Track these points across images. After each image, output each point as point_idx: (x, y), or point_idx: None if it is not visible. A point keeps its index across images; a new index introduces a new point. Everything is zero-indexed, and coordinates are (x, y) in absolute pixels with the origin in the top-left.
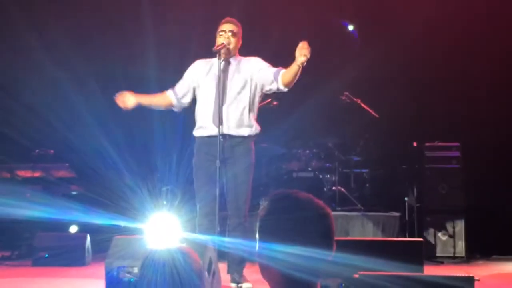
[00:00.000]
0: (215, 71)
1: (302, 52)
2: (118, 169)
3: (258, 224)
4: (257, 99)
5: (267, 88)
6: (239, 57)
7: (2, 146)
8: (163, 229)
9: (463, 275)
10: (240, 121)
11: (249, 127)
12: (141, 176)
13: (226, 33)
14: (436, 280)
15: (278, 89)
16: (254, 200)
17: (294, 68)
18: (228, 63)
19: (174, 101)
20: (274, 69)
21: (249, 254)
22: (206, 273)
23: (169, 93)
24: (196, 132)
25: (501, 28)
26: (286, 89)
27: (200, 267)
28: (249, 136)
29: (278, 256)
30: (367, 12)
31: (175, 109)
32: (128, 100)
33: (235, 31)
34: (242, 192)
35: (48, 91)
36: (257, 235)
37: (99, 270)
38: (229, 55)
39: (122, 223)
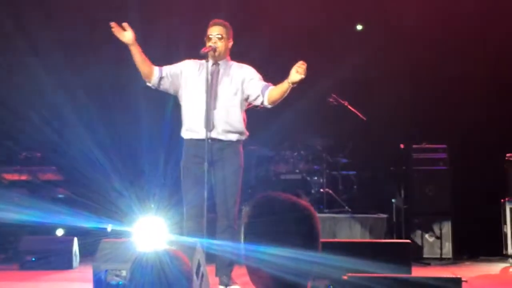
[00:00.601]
0: (204, 74)
1: (299, 70)
2: (105, 172)
3: (243, 227)
4: (245, 105)
5: (251, 99)
6: (230, 62)
7: None
8: (150, 232)
9: (451, 276)
10: (229, 126)
11: (238, 133)
12: (129, 179)
13: (214, 37)
14: (424, 282)
15: (262, 103)
16: (242, 203)
17: (285, 85)
18: (217, 66)
19: (154, 77)
20: (263, 84)
21: (238, 257)
22: (194, 276)
23: (155, 68)
24: (185, 134)
25: (490, 32)
26: (270, 106)
27: (189, 270)
28: (237, 141)
29: (265, 259)
30: (356, 14)
31: (149, 83)
32: (126, 33)
33: (222, 34)
34: (231, 194)
35: (36, 93)
36: (242, 239)
37: (87, 273)
38: (218, 58)
39: (109, 226)
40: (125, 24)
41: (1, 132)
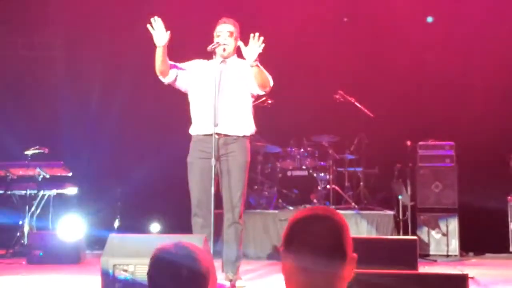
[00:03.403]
0: (212, 71)
1: (247, 52)
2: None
3: (286, 231)
4: (252, 99)
5: (252, 89)
6: (237, 58)
7: None
8: (160, 227)
9: (457, 272)
10: (237, 121)
11: (245, 127)
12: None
13: (224, 34)
14: (431, 278)
15: (256, 92)
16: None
17: (253, 70)
18: (225, 64)
19: (170, 75)
20: None
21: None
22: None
23: (171, 66)
24: (192, 131)
25: (498, 31)
26: (262, 92)
27: (207, 267)
28: (244, 136)
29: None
30: (365, 9)
31: (163, 79)
32: (163, 37)
33: (232, 32)
34: (236, 189)
35: (46, 90)
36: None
37: (95, 268)
38: (226, 55)
39: (116, 221)
40: (168, 32)
41: (9, 126)
